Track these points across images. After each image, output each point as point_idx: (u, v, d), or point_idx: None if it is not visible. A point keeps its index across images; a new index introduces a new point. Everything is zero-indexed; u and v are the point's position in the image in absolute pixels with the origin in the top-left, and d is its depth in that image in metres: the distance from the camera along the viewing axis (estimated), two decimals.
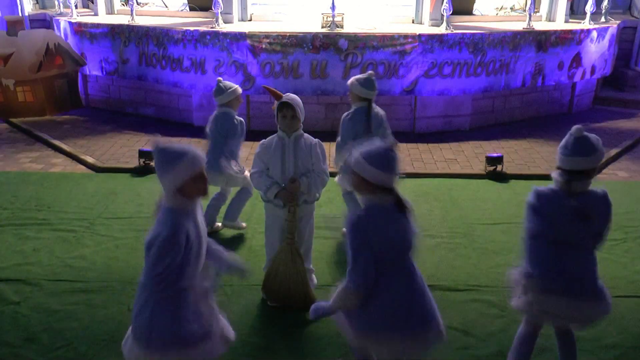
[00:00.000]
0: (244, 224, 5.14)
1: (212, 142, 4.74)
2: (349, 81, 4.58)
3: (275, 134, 3.80)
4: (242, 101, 4.94)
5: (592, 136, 2.93)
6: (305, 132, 3.85)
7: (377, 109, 4.65)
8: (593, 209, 2.83)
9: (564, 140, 2.96)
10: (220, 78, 4.82)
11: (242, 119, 4.82)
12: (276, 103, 3.72)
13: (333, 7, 7.44)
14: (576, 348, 3.16)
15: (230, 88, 4.73)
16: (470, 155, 7.02)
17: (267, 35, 7.28)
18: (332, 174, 4.51)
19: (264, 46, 7.30)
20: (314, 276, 4.20)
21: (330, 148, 7.24)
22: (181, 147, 2.59)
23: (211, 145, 4.73)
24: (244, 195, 5.00)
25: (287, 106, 3.67)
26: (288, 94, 3.73)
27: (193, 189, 2.57)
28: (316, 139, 3.82)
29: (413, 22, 8.47)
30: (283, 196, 3.73)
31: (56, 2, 9.32)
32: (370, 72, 4.64)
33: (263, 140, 3.83)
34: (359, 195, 2.82)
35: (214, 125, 4.74)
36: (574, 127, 2.94)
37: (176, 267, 2.54)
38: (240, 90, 4.82)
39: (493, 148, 7.21)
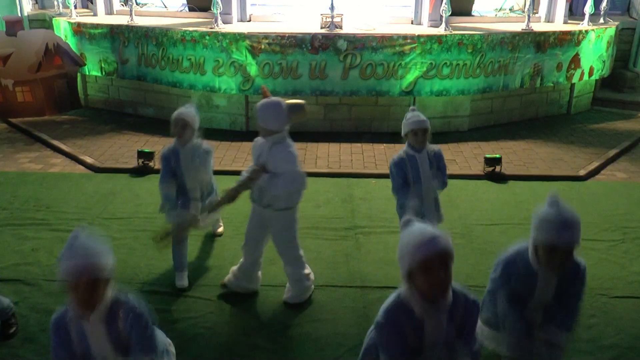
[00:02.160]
0: None
1: None
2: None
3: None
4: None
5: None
6: (303, 132, 3.85)
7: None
8: None
9: None
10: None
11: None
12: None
13: (332, 8, 7.45)
14: None
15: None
16: (468, 156, 7.03)
17: (266, 36, 7.29)
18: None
19: (263, 47, 7.30)
20: (311, 276, 4.15)
21: (329, 148, 7.27)
22: None
23: None
24: None
25: None
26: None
27: None
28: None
29: (412, 23, 8.47)
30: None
31: (55, 3, 9.31)
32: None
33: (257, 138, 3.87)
34: None
35: None
36: None
37: None
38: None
39: (492, 149, 7.22)
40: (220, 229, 5.07)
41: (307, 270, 4.10)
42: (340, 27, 7.58)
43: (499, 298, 2.81)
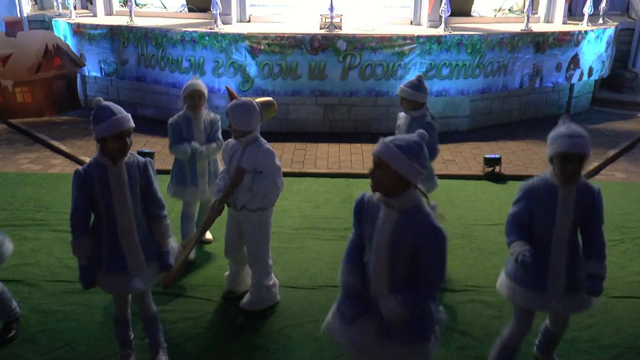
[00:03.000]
0: None
1: None
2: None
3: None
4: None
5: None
6: (303, 133, 3.86)
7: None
8: None
9: None
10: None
11: None
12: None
13: (331, 9, 7.46)
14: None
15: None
16: (468, 156, 7.04)
17: (265, 37, 7.30)
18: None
19: (262, 47, 7.31)
20: (275, 289, 4.05)
21: (328, 148, 7.27)
22: None
23: None
24: None
25: None
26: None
27: None
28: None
29: (411, 24, 8.49)
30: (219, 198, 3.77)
31: (55, 3, 9.33)
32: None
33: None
34: None
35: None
36: None
37: None
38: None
39: (491, 149, 7.23)
40: (209, 236, 4.94)
41: (271, 282, 3.98)
42: (340, 28, 7.59)
43: (511, 223, 3.22)
